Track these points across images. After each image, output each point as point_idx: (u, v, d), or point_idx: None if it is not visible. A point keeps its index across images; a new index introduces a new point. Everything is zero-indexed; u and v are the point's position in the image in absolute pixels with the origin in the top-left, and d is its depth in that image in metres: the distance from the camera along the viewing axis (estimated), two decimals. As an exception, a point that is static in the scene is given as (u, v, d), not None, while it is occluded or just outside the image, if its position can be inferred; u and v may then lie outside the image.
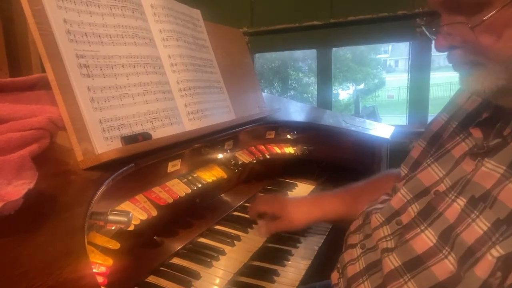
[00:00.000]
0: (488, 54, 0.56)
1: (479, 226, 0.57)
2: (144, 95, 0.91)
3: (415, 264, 0.65)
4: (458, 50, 0.60)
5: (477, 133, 0.69)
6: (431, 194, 0.71)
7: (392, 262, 0.69)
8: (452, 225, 0.62)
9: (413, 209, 0.73)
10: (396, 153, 1.46)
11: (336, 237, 1.04)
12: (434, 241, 0.64)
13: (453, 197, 0.65)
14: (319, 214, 1.03)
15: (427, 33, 0.65)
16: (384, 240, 0.75)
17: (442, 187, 0.70)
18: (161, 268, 0.89)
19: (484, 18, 0.54)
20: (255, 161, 1.34)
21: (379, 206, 0.85)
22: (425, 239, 0.66)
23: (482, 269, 0.53)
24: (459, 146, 0.72)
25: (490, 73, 0.57)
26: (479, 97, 0.70)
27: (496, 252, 0.53)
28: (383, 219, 0.79)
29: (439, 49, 0.62)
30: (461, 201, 0.63)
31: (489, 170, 0.61)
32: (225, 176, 1.17)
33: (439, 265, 0.61)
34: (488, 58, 0.56)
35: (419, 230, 0.68)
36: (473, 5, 0.55)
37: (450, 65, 0.64)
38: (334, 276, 0.87)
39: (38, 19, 0.72)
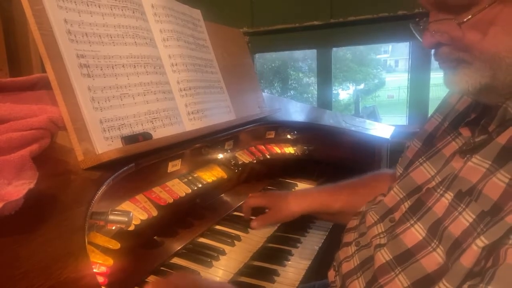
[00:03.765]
0: (473, 51, 0.58)
1: (465, 218, 0.59)
2: (144, 95, 0.91)
3: (405, 258, 0.66)
4: (445, 48, 0.61)
5: (466, 132, 0.71)
6: (423, 191, 0.73)
7: (383, 256, 0.70)
8: (440, 219, 0.64)
9: (405, 206, 0.75)
10: (396, 153, 1.46)
11: (336, 237, 1.04)
12: (424, 234, 0.66)
13: (441, 192, 0.67)
14: (306, 204, 1.09)
15: (414, 32, 0.67)
16: (378, 237, 0.77)
17: (432, 184, 0.71)
18: (161, 268, 0.88)
19: (471, 15, 0.56)
20: (255, 161, 1.34)
21: (374, 207, 0.86)
22: (414, 233, 0.67)
23: (468, 258, 0.55)
24: (449, 145, 0.74)
25: (475, 71, 0.59)
26: (463, 95, 0.72)
27: (481, 242, 0.54)
28: (377, 217, 0.81)
29: (426, 46, 0.63)
30: (449, 196, 0.64)
31: (475, 165, 0.62)
32: (225, 176, 1.17)
33: (427, 258, 0.63)
34: (473, 56, 0.58)
35: (408, 225, 0.69)
36: (461, 4, 0.57)
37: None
38: (331, 274, 0.88)
39: (38, 19, 0.72)
